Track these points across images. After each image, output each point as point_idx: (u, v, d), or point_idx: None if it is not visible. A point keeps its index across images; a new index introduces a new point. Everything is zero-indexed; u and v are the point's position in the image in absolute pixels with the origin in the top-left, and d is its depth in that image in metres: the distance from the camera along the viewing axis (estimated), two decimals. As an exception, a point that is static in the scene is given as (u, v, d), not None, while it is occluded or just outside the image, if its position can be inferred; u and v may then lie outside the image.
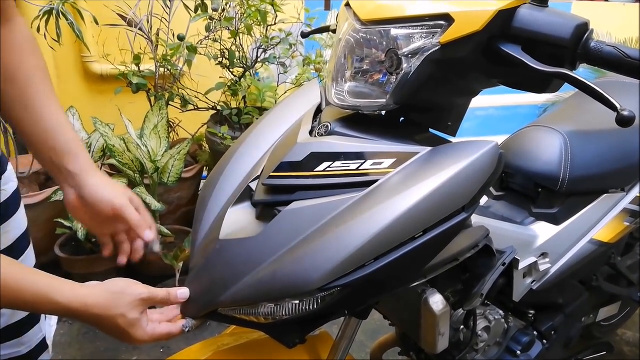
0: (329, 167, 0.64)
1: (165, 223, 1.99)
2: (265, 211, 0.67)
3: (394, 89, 0.64)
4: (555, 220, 1.01)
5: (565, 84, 0.60)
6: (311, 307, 0.58)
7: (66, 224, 1.79)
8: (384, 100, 0.66)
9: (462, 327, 0.89)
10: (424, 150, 0.64)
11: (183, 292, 0.66)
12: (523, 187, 1.07)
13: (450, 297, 0.84)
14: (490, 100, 3.30)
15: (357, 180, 0.63)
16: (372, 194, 0.61)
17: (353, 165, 0.63)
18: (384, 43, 0.65)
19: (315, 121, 0.75)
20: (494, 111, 3.39)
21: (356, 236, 0.57)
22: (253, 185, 0.71)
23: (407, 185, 0.59)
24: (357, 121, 0.70)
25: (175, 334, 0.66)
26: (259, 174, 0.72)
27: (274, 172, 0.66)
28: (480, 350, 0.98)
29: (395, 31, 0.64)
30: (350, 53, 0.69)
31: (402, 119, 0.73)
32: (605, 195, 1.06)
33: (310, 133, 0.71)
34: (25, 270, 0.58)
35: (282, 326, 0.62)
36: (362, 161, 0.64)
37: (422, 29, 0.62)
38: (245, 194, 0.71)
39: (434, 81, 0.64)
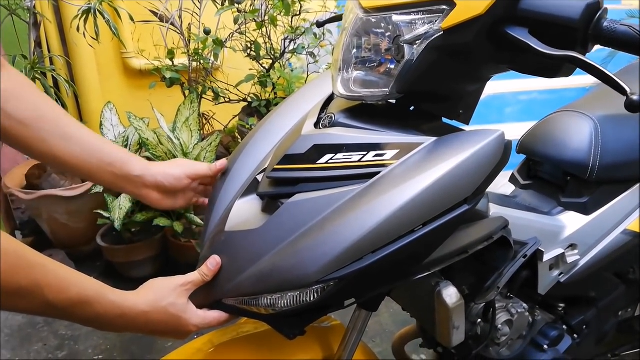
0: (331, 159, 0.63)
1: (199, 214, 2.05)
2: (270, 203, 0.67)
3: (396, 78, 0.63)
4: (585, 210, 0.96)
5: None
6: (310, 299, 0.58)
7: (105, 214, 1.87)
8: (387, 90, 0.64)
9: (479, 320, 0.87)
10: (429, 140, 0.62)
11: (212, 262, 0.65)
12: (551, 175, 1.02)
13: (465, 290, 0.82)
14: (534, 84, 3.16)
15: (359, 172, 0.62)
16: (372, 187, 0.60)
17: (355, 157, 0.63)
18: (387, 30, 0.64)
19: (324, 112, 0.74)
20: (538, 95, 3.24)
21: (354, 230, 0.56)
22: (260, 178, 0.72)
23: (407, 178, 0.58)
24: (362, 112, 0.69)
25: (226, 319, 0.66)
26: (266, 166, 0.72)
27: (277, 164, 0.67)
28: (503, 344, 0.95)
29: (397, 18, 0.62)
30: (355, 42, 0.68)
31: (412, 108, 0.71)
32: (640, 183, 1.00)
33: (317, 124, 0.71)
34: (70, 270, 0.56)
35: (282, 317, 0.62)
36: (365, 153, 0.63)
37: (423, 14, 0.60)
38: (253, 187, 0.72)
39: (438, 68, 0.62)
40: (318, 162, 0.64)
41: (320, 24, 1.01)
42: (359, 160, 0.62)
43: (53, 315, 0.54)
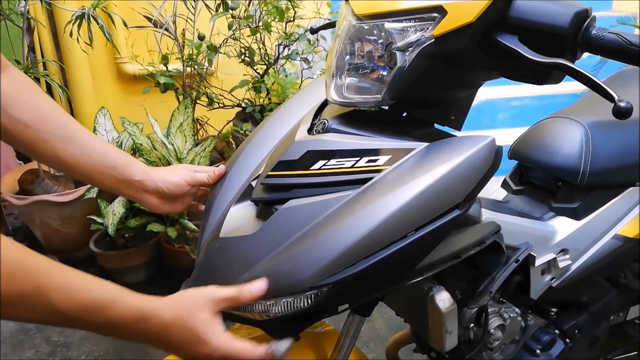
0: (324, 165, 0.64)
1: (193, 219, 2.04)
2: (264, 209, 0.68)
3: (389, 84, 0.63)
4: (576, 215, 0.97)
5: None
6: (304, 305, 0.58)
7: (99, 220, 1.86)
8: (380, 96, 0.65)
9: (472, 325, 0.88)
10: (420, 146, 0.63)
11: (259, 286, 0.57)
12: (542, 180, 1.03)
13: (458, 294, 0.82)
14: (526, 90, 3.18)
15: (353, 178, 0.62)
16: (365, 192, 0.60)
17: (348, 162, 0.63)
18: (380, 38, 0.64)
19: (317, 118, 0.74)
20: (529, 101, 3.26)
21: (347, 235, 0.56)
22: (254, 184, 0.72)
23: (399, 183, 0.58)
24: (355, 117, 0.69)
25: (256, 355, 0.58)
26: (261, 172, 0.72)
27: (271, 170, 0.67)
28: (496, 348, 0.95)
29: (389, 25, 0.62)
30: (348, 48, 0.69)
31: (404, 114, 0.72)
32: (631, 188, 1.01)
33: (311, 130, 0.71)
34: (82, 274, 0.52)
35: (276, 323, 0.62)
36: (357, 158, 0.63)
37: (415, 22, 0.61)
38: (247, 192, 0.72)
39: (430, 75, 0.63)
40: (311, 168, 0.64)
41: (313, 31, 1.01)
42: (352, 166, 0.63)
43: (59, 323, 0.51)
